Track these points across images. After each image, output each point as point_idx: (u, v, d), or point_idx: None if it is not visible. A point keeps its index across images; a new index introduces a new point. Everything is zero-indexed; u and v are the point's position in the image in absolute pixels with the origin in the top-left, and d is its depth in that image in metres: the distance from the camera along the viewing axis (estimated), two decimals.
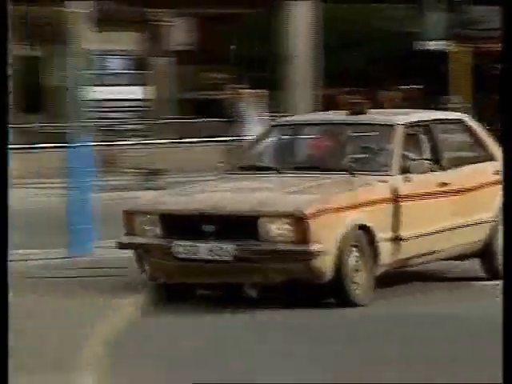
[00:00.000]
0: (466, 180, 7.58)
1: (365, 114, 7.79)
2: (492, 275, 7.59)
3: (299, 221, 6.40)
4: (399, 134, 7.36)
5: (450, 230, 7.34)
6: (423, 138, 7.76)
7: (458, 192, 7.44)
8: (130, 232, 6.99)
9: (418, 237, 7.06)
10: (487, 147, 8.00)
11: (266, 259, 6.49)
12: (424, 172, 7.24)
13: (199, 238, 6.62)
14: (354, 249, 6.70)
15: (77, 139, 9.75)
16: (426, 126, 7.84)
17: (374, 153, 7.66)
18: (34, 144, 17.33)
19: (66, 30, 11.13)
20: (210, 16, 22.84)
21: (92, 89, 16.38)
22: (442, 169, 7.52)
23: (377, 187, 7.01)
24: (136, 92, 22.54)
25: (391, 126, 7.55)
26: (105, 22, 17.51)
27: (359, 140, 8.14)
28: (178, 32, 22.94)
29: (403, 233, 6.94)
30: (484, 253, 7.71)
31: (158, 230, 6.82)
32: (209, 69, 23.00)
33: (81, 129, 10.72)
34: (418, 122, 7.97)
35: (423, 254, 7.33)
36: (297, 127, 8.52)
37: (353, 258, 6.69)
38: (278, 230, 6.43)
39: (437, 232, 7.24)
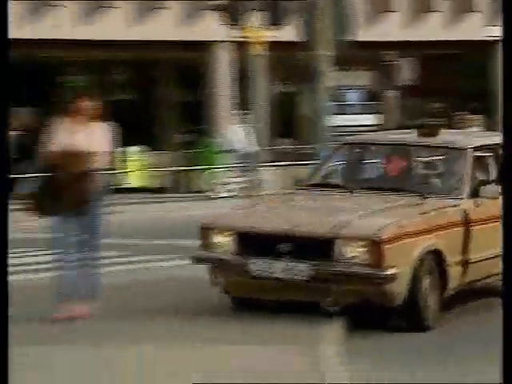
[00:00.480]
0: (496, 209, 7.08)
1: (436, 135, 7.66)
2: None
3: (375, 245, 6.28)
4: (470, 157, 7.31)
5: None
6: (491, 161, 7.75)
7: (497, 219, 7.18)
8: (206, 247, 6.99)
9: (484, 260, 7.07)
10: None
11: (340, 280, 6.41)
12: (494, 197, 6.97)
13: (274, 257, 6.55)
14: (428, 273, 6.62)
15: (321, 157, 10.90)
16: (494, 149, 7.70)
17: (445, 176, 7.65)
18: (286, 161, 19.88)
19: (314, 70, 13.76)
20: (432, 56, 25.42)
21: (333, 117, 18.79)
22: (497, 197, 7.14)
23: (449, 212, 6.96)
24: (368, 120, 25.42)
25: (463, 149, 7.42)
26: (344, 62, 20.10)
27: (430, 162, 8.02)
28: (405, 70, 26.16)
29: (471, 256, 6.94)
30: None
31: (234, 247, 6.77)
32: (431, 100, 26.57)
33: (324, 149, 13.16)
34: (487, 145, 7.91)
35: (488, 276, 7.35)
36: (367, 147, 8.51)
37: (426, 283, 6.60)
38: (353, 252, 6.36)
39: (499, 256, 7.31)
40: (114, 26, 20.55)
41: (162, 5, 21.25)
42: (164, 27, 21.01)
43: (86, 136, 7.25)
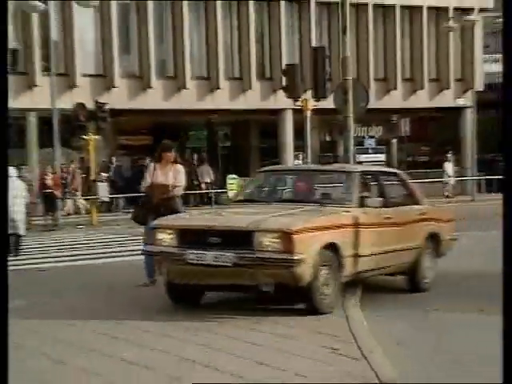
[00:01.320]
0: (401, 216, 8.46)
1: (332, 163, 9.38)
2: (414, 289, 8.70)
3: (286, 235, 6.77)
4: (356, 179, 8.19)
5: (391, 252, 8.11)
6: (373, 183, 8.93)
7: (396, 224, 8.27)
8: (152, 242, 7.59)
9: (370, 255, 7.72)
10: (414, 194, 9.11)
11: (259, 265, 6.79)
12: (376, 207, 7.91)
13: (206, 248, 7.00)
14: (327, 262, 7.14)
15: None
16: (375, 175, 9.06)
17: (339, 191, 8.87)
18: None
19: (344, 126, 13.77)
20: (421, 117, 31.44)
21: (358, 156, 23.39)
22: (387, 206, 8.26)
23: (342, 216, 7.60)
24: (380, 157, 28.84)
25: (351, 172, 8.58)
26: (364, 121, 25.96)
27: (329, 182, 9.44)
28: (403, 126, 31.17)
29: (361, 251, 7.55)
30: (410, 271, 8.62)
31: (175, 241, 7.26)
32: (420, 145, 32.29)
33: None
34: (369, 171, 9.44)
35: (373, 269, 8.04)
36: (281, 173, 10.46)
37: (325, 270, 7.11)
38: (269, 242, 6.80)
39: (383, 253, 7.96)
40: (221, 100, 27.09)
41: (251, 85, 27.51)
42: (253, 99, 27.41)
43: (167, 174, 9.03)
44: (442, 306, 7.67)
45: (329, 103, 15.55)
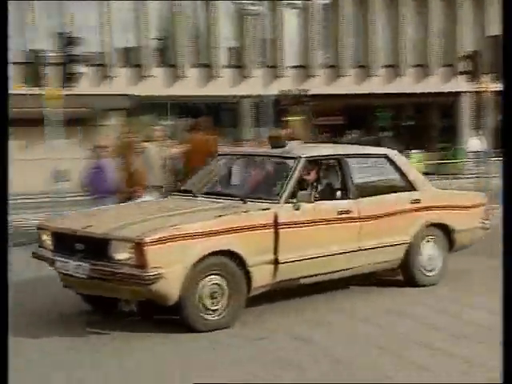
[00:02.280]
0: (374, 208, 6.30)
1: (284, 146, 6.53)
2: (409, 284, 6.76)
3: (138, 247, 5.01)
4: (300, 166, 6.05)
5: (350, 252, 6.16)
6: (332, 170, 6.62)
7: (361, 219, 6.21)
8: (40, 245, 5.95)
9: (302, 260, 5.79)
10: (408, 179, 6.77)
11: (114, 280, 5.19)
12: (309, 202, 5.86)
13: (72, 255, 5.46)
14: (214, 274, 5.34)
15: None
16: (337, 160, 6.46)
17: (272, 182, 6.37)
18: None
19: None
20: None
21: None
22: (346, 198, 6.26)
23: (253, 215, 5.62)
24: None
25: (295, 158, 6.15)
26: None
27: (270, 170, 6.70)
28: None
29: (282, 256, 5.65)
30: (403, 267, 6.72)
31: (51, 245, 5.80)
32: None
33: None
34: (327, 155, 6.64)
35: (316, 274, 6.04)
36: (231, 157, 7.20)
37: (209, 284, 5.31)
38: (123, 253, 5.11)
39: (329, 255, 5.98)
40: (406, 85, 28.60)
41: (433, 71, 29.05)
42: (434, 84, 28.74)
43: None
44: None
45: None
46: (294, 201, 5.84)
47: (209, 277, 5.37)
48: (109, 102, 23.75)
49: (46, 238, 5.93)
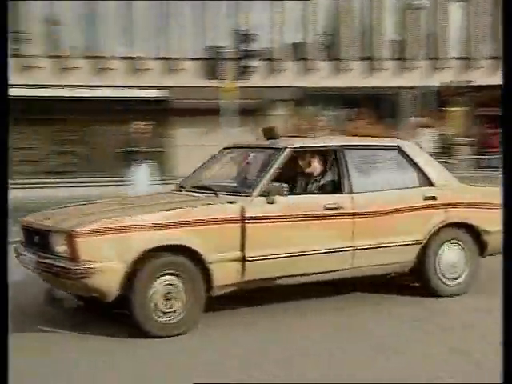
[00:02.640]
0: (373, 204, 5.46)
1: (277, 138, 5.77)
2: (428, 293, 5.74)
3: (71, 238, 4.51)
4: (282, 158, 5.35)
5: (341, 251, 5.33)
6: (329, 163, 5.71)
7: (355, 215, 5.38)
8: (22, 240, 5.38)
9: (276, 258, 5.05)
10: (424, 173, 5.82)
11: (55, 273, 4.72)
12: (281, 195, 5.06)
13: (30, 249, 5.03)
14: (169, 274, 4.71)
15: None
16: (333, 152, 5.65)
17: (251, 175, 5.71)
18: None
19: None
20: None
21: None
22: (339, 193, 5.43)
23: (213, 208, 4.95)
24: None
25: (280, 149, 5.46)
26: None
27: (258, 163, 5.76)
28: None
29: (251, 253, 4.94)
30: (417, 273, 5.79)
31: (23, 238, 5.34)
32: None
33: None
34: (320, 146, 5.80)
35: (291, 275, 5.25)
36: (231, 150, 6.43)
37: (162, 283, 4.69)
38: (61, 246, 4.62)
39: (311, 254, 5.19)
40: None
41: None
42: None
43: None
44: None
45: None
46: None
47: (163, 276, 4.72)
48: (278, 94, 24.91)
49: (21, 233, 5.42)
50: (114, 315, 5.06)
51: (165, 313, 4.76)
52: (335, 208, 5.36)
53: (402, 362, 4.15)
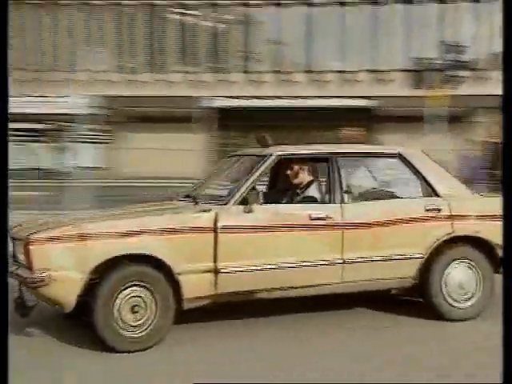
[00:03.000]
0: (365, 215, 4.96)
1: (268, 146, 5.26)
2: (435, 315, 5.10)
3: (26, 246, 4.29)
4: (266, 165, 4.97)
5: (329, 265, 4.85)
6: (315, 170, 5.31)
7: (345, 227, 4.89)
8: None
9: (253, 270, 4.65)
10: (428, 183, 5.27)
11: (20, 282, 4.51)
12: (256, 203, 4.68)
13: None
14: (135, 285, 4.38)
15: None
16: (325, 160, 5.17)
17: (234, 183, 5.23)
18: None
19: None
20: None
21: None
22: (328, 203, 4.98)
23: (185, 216, 4.63)
24: None
25: (265, 155, 5.05)
26: None
27: (246, 171, 5.16)
28: None
29: (224, 265, 4.57)
30: (421, 292, 5.21)
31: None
32: None
33: None
34: (309, 154, 5.30)
35: (272, 289, 4.80)
36: (232, 158, 5.96)
37: (127, 295, 4.36)
38: (21, 254, 4.42)
39: (295, 267, 4.76)
40: None
41: None
42: None
43: None
44: None
45: None
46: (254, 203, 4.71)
47: (129, 288, 4.37)
48: (483, 102, 24.95)
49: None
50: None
51: (131, 326, 4.37)
52: (322, 218, 4.86)
53: None
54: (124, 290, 4.36)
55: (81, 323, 4.64)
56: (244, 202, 4.70)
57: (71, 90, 25.23)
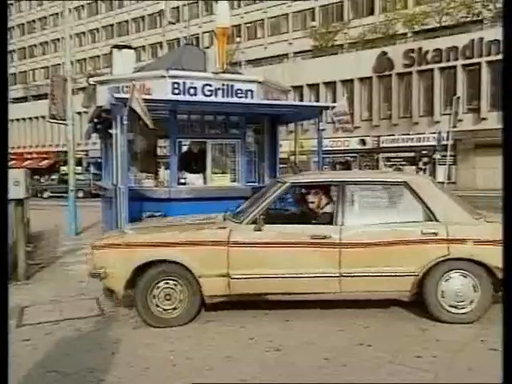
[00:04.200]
0: (362, 236, 5.66)
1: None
2: (437, 320, 5.72)
3: (92, 249, 5.91)
4: (280, 191, 6.08)
5: (326, 277, 5.70)
6: (322, 196, 6.39)
7: (342, 246, 5.66)
8: None
9: (260, 277, 5.71)
10: (429, 209, 5.81)
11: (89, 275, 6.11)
12: (260, 224, 5.75)
13: None
14: (161, 279, 5.72)
15: None
16: (335, 186, 6.10)
17: (250, 205, 6.25)
18: None
19: None
20: None
21: None
22: (329, 224, 5.82)
23: (207, 232, 5.81)
24: None
25: (282, 182, 6.20)
26: None
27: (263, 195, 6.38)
28: None
29: (235, 272, 5.68)
30: (422, 304, 5.81)
31: None
32: None
33: None
34: (321, 181, 6.40)
35: (279, 293, 5.83)
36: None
37: (156, 286, 5.71)
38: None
39: (295, 277, 5.70)
40: None
41: None
42: None
43: None
44: None
45: None
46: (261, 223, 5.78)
47: (163, 281, 5.78)
48: None
49: None
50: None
51: (165, 310, 5.78)
52: (322, 238, 5.73)
53: None
54: (159, 282, 5.73)
55: None
56: (256, 221, 5.79)
57: (433, 128, 35.89)
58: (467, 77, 36.66)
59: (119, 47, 12.21)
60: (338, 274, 5.71)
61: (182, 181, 10.19)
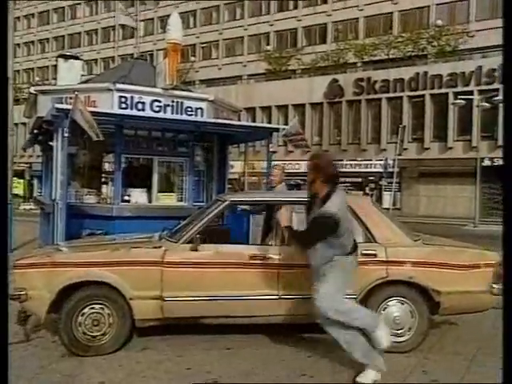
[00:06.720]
0: (298, 257, 5.15)
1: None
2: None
3: (13, 269, 5.14)
4: (217, 210, 5.70)
5: (266, 299, 5.36)
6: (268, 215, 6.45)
7: (280, 266, 5.36)
8: None
9: (195, 300, 5.31)
10: (368, 230, 5.55)
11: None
12: (196, 244, 5.37)
13: None
14: (88, 302, 5.21)
15: None
16: (270, 205, 6.21)
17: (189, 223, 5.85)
18: None
19: None
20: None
21: None
22: (267, 244, 5.93)
23: (140, 251, 5.38)
24: None
25: (221, 201, 5.86)
26: None
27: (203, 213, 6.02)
28: None
29: (168, 294, 5.27)
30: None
31: None
32: None
33: None
34: (256, 200, 6.61)
35: (215, 316, 5.44)
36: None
37: (89, 308, 5.23)
38: None
39: (234, 299, 5.32)
40: None
41: None
42: None
43: None
44: None
45: None
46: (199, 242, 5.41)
47: (89, 306, 5.27)
48: None
49: None
50: None
51: (92, 336, 5.26)
52: (260, 258, 5.38)
53: None
54: (84, 308, 5.23)
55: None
56: (192, 241, 5.41)
57: (380, 156, 36.61)
58: (412, 108, 37.61)
59: (65, 57, 11.76)
60: (276, 296, 5.41)
61: (127, 198, 9.84)
